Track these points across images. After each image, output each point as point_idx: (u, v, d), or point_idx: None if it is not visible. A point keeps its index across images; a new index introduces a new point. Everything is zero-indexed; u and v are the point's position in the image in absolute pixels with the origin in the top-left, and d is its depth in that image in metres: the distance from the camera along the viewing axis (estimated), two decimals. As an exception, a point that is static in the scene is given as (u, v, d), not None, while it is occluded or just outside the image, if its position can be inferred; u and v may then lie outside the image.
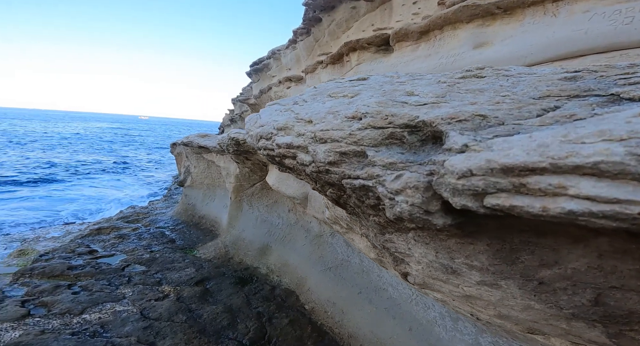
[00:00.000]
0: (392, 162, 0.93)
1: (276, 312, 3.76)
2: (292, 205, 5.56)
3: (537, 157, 0.57)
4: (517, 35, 4.22)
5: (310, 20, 6.63)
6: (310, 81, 7.48)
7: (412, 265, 1.44)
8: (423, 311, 3.34)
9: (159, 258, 5.26)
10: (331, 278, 4.11)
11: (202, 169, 8.48)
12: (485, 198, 0.68)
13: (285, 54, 9.29)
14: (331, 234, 4.61)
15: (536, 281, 0.93)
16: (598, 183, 0.51)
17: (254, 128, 1.72)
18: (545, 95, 0.92)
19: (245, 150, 5.31)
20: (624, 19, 3.38)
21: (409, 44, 5.48)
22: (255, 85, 12.37)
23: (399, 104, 1.11)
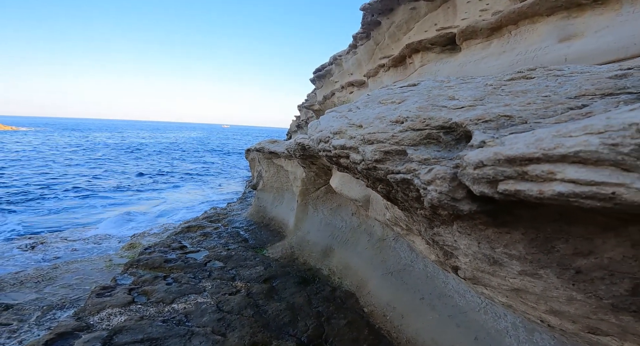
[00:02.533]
0: (427, 158, 1.13)
1: (335, 313, 3.99)
2: (355, 209, 5.79)
3: (533, 149, 0.72)
4: (614, 26, 3.77)
5: (369, 24, 6.85)
6: (373, 84, 7.63)
7: (460, 258, 1.55)
8: (493, 320, 3.17)
9: (234, 255, 5.94)
10: (392, 282, 4.18)
11: (272, 174, 9.35)
12: (498, 185, 0.84)
13: (347, 59, 9.65)
14: (394, 238, 4.68)
15: (573, 270, 0.99)
16: (580, 168, 0.64)
17: (314, 133, 2.07)
18: (581, 94, 0.99)
19: (311, 154, 5.77)
20: None
21: (479, 41, 5.24)
22: (319, 91, 13.07)
23: (438, 108, 1.29)
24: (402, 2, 6.05)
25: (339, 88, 10.17)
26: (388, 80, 6.87)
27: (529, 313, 2.20)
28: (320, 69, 11.99)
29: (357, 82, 8.70)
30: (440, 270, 3.80)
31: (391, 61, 6.26)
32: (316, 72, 12.34)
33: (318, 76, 12.38)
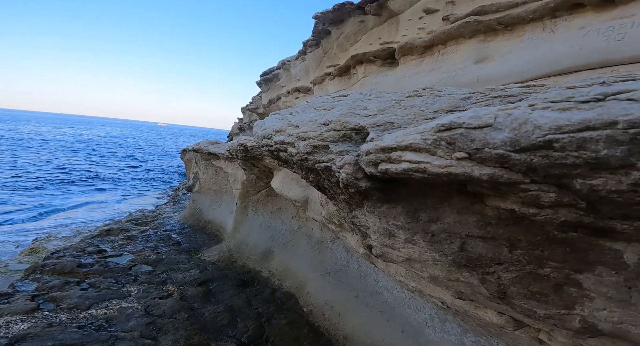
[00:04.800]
0: (342, 151, 1.66)
1: (275, 313, 4.39)
2: (295, 212, 6.29)
3: (393, 142, 1.28)
4: (516, 51, 4.69)
5: (320, 33, 7.59)
6: (318, 92, 8.34)
7: (371, 236, 2.11)
8: (415, 313, 3.91)
9: (165, 259, 6.03)
10: (330, 282, 4.74)
11: (210, 175, 9.40)
12: (378, 166, 1.38)
13: (295, 65, 10.30)
14: (331, 240, 5.27)
15: (430, 233, 1.59)
16: (413, 153, 1.21)
17: (259, 131, 2.50)
18: (439, 109, 1.63)
19: (253, 156, 6.13)
20: (617, 36, 3.82)
21: (414, 58, 6.19)
22: (264, 95, 13.51)
23: (354, 115, 1.84)
24: (352, 14, 6.89)
25: (285, 93, 10.75)
26: (333, 88, 7.63)
27: (432, 295, 2.92)
28: (267, 72, 12.46)
29: (303, 89, 9.36)
30: (372, 268, 4.49)
31: (337, 70, 7.02)
32: (263, 75, 12.78)
33: (265, 79, 12.83)
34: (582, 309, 1.34)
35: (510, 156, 0.94)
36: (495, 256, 1.46)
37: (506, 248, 1.38)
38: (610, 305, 1.23)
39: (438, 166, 1.15)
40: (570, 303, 1.38)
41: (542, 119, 0.86)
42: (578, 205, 0.89)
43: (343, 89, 7.28)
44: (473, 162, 1.06)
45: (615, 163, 0.72)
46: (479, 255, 1.49)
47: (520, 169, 0.94)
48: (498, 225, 1.32)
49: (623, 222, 0.85)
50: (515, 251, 1.36)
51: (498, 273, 1.54)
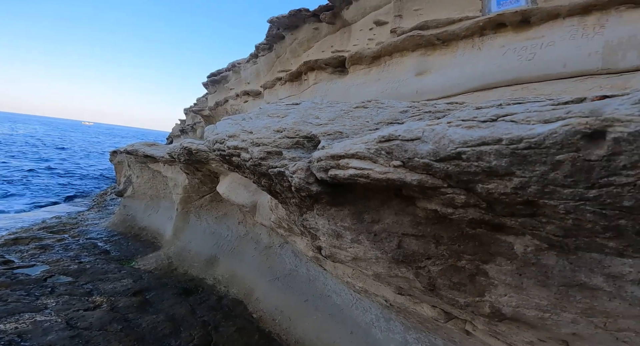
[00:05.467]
0: (294, 157, 1.81)
1: (223, 320, 4.37)
2: (242, 217, 6.28)
3: (342, 151, 1.47)
4: (450, 66, 5.16)
5: (274, 37, 7.72)
6: (269, 96, 8.43)
7: (321, 238, 2.29)
8: (362, 314, 4.18)
9: (89, 269, 5.63)
10: (279, 287, 4.83)
11: (146, 180, 8.89)
12: (328, 172, 1.57)
13: (246, 68, 10.28)
14: (280, 245, 5.37)
15: (372, 233, 1.83)
16: (358, 161, 1.42)
17: (211, 135, 2.54)
18: (381, 121, 1.88)
19: (197, 160, 5.98)
20: (528, 55, 4.33)
21: (362, 67, 6.60)
22: (211, 96, 13.22)
23: (306, 123, 2.02)
24: (307, 21, 7.13)
25: (233, 96, 10.66)
26: (284, 93, 7.79)
27: (377, 293, 3.19)
28: (216, 74, 12.25)
29: (253, 92, 9.38)
30: (321, 272, 4.70)
31: (289, 75, 7.20)
32: (211, 76, 12.53)
33: (213, 81, 12.57)
34: (490, 295, 1.67)
35: (433, 164, 1.19)
36: (425, 251, 1.74)
37: (433, 244, 1.67)
38: (509, 291, 1.57)
39: (379, 173, 1.37)
40: (481, 291, 1.71)
41: (454, 134, 1.12)
42: (480, 205, 1.18)
43: (294, 94, 7.48)
44: (406, 169, 1.30)
45: (502, 171, 1.00)
46: (413, 251, 1.76)
47: (440, 176, 1.20)
48: (426, 224, 1.59)
49: (511, 218, 1.15)
50: (439, 246, 1.65)
51: (428, 267, 1.83)
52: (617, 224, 0.82)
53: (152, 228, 7.90)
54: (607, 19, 3.90)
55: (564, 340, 1.64)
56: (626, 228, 0.81)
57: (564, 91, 3.90)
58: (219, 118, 12.72)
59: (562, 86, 3.97)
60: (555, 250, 1.14)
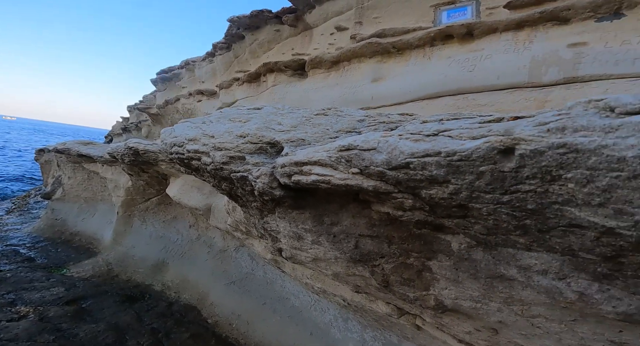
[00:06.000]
0: (258, 162, 1.91)
1: (175, 327, 4.28)
2: (194, 220, 6.15)
3: (305, 158, 1.61)
4: (403, 74, 5.49)
5: (233, 36, 7.66)
6: (224, 96, 8.32)
7: (282, 240, 2.40)
8: (321, 315, 4.34)
9: (10, 277, 5.22)
10: (235, 291, 4.82)
11: (79, 181, 8.34)
12: (292, 177, 1.69)
13: (201, 66, 10.04)
14: (235, 248, 5.36)
15: (332, 234, 1.99)
16: (320, 168, 1.57)
17: (168, 138, 2.52)
18: (340, 129, 2.06)
19: (145, 161, 5.73)
20: (469, 67, 4.72)
21: (322, 71, 6.79)
22: (160, 94, 12.71)
23: (269, 129, 2.12)
24: (269, 22, 7.17)
25: (186, 94, 10.37)
26: (241, 94, 7.75)
27: (335, 293, 3.37)
28: (166, 70, 11.79)
29: (207, 92, 9.21)
30: (278, 274, 4.78)
31: (247, 76, 7.19)
32: (161, 73, 12.03)
33: (163, 78, 12.07)
34: (434, 289, 1.92)
35: (386, 172, 1.38)
36: (379, 251, 1.95)
37: (386, 244, 1.87)
38: (448, 284, 1.82)
39: (339, 179, 1.54)
40: (427, 285, 1.95)
41: (404, 146, 1.32)
42: (424, 208, 1.39)
43: (252, 95, 7.47)
44: (363, 176, 1.48)
45: (440, 179, 1.21)
46: (369, 251, 1.95)
47: (392, 182, 1.39)
48: (380, 225, 1.79)
49: (448, 220, 1.38)
50: (391, 246, 1.86)
51: (382, 265, 2.04)
52: (524, 224, 1.06)
53: (87, 233, 7.49)
54: (536, 35, 4.34)
55: (493, 328, 1.94)
56: (531, 226, 1.06)
57: (497, 102, 4.36)
58: (169, 117, 12.18)
59: (496, 97, 4.39)
60: (481, 246, 1.39)
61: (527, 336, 1.75)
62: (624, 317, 1.07)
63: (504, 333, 1.92)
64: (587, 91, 3.64)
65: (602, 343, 1.34)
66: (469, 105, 4.72)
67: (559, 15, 4.11)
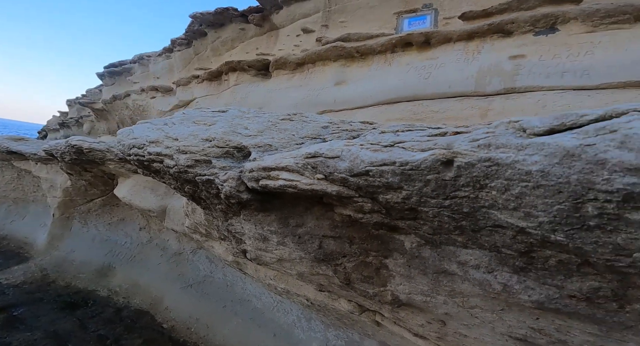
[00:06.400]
0: (225, 166, 1.98)
1: (125, 333, 4.15)
2: (145, 223, 5.95)
3: (273, 163, 1.73)
4: (365, 79, 5.74)
5: (194, 33, 7.49)
6: (182, 93, 8.11)
7: (246, 242, 2.49)
8: (284, 316, 4.43)
9: None
10: (193, 295, 4.76)
11: (7, 180, 7.82)
12: (260, 181, 1.80)
13: (156, 62, 9.72)
14: (192, 251, 5.28)
15: (297, 236, 2.13)
16: (288, 173, 1.70)
17: (127, 139, 2.48)
18: (305, 136, 2.20)
19: (90, 160, 5.44)
20: (425, 74, 5.05)
21: (286, 72, 6.86)
22: (107, 88, 12.10)
23: (236, 134, 2.20)
24: (234, 20, 7.09)
25: (137, 90, 9.97)
26: (200, 92, 7.60)
27: (299, 293, 3.50)
28: (116, 64, 11.23)
29: (163, 88, 8.93)
30: (239, 277, 4.80)
31: (207, 74, 7.07)
32: (110, 67, 11.45)
33: (111, 72, 11.49)
34: (390, 285, 2.13)
35: (348, 179, 1.54)
36: (341, 250, 2.12)
37: (347, 244, 2.05)
38: (403, 280, 2.04)
39: (305, 184, 1.67)
40: (384, 281, 2.16)
41: (364, 156, 1.50)
42: (381, 211, 1.58)
43: (212, 94, 7.36)
44: (328, 182, 1.63)
45: (395, 186, 1.40)
46: (332, 251, 2.12)
47: (354, 188, 1.56)
48: (342, 227, 1.96)
49: (402, 221, 1.58)
50: (353, 245, 2.04)
51: (344, 264, 2.21)
52: (461, 225, 1.28)
53: (17, 236, 7.05)
54: (483, 46, 4.72)
55: (441, 319, 2.20)
56: (466, 227, 1.28)
57: (447, 109, 4.71)
58: (116, 113, 11.52)
59: (447, 104, 4.71)
60: (429, 245, 1.61)
61: (468, 326, 2.02)
62: (537, 305, 1.33)
63: (450, 325, 2.18)
64: (523, 102, 4.09)
65: (525, 329, 1.62)
66: (423, 111, 5.03)
67: (504, 28, 4.57)
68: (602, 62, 3.71)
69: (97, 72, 12.32)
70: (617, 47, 3.71)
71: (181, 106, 8.27)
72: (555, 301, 1.23)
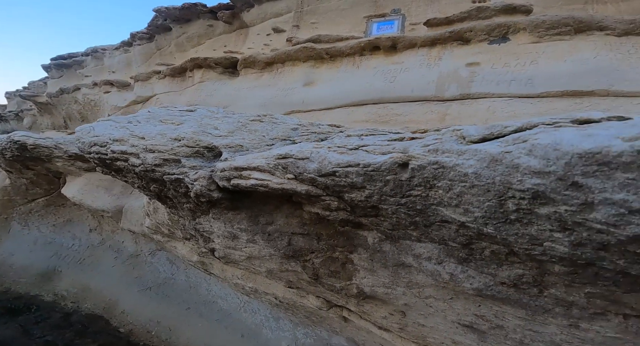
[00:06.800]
0: (195, 166, 2.05)
1: (77, 338, 4.05)
2: (96, 223, 5.75)
3: (244, 163, 1.83)
4: (334, 80, 5.91)
5: (158, 28, 7.30)
6: (141, 89, 7.88)
7: (215, 240, 2.55)
8: (251, 316, 4.48)
9: None
10: (153, 298, 4.68)
11: None
12: (231, 181, 1.90)
13: (112, 55, 9.41)
14: (151, 253, 5.18)
15: (267, 233, 2.25)
16: (259, 173, 1.81)
17: (87, 137, 2.45)
18: (275, 137, 2.32)
19: (34, 157, 5.16)
20: (391, 78, 5.32)
21: (255, 71, 6.86)
22: (54, 81, 11.47)
23: (206, 134, 2.27)
24: (202, 16, 6.97)
25: (89, 84, 9.57)
26: (161, 88, 7.43)
27: (267, 292, 3.59)
28: (66, 57, 10.70)
29: (119, 83, 8.66)
30: (203, 278, 4.78)
31: (170, 70, 6.92)
32: (58, 59, 10.89)
33: (59, 65, 10.92)
34: (356, 279, 2.32)
35: (317, 179, 1.69)
36: (309, 247, 2.27)
37: (315, 240, 2.20)
38: (366, 274, 2.23)
39: (276, 183, 1.80)
40: (350, 275, 2.34)
41: (332, 157, 1.66)
42: (347, 209, 1.75)
43: (174, 90, 7.22)
44: (297, 181, 1.77)
45: (359, 185, 1.57)
46: (300, 247, 2.26)
47: (321, 187, 1.72)
48: (310, 224, 2.11)
49: (365, 218, 1.76)
50: (320, 242, 2.20)
51: (312, 260, 2.36)
52: (415, 220, 1.48)
53: None
54: (444, 53, 5.06)
55: (402, 310, 2.41)
56: (419, 222, 1.48)
57: (410, 113, 5.01)
58: (63, 107, 10.87)
59: (409, 108, 5.01)
60: (389, 240, 1.81)
61: (424, 315, 2.25)
62: (478, 292, 1.57)
63: (409, 315, 2.41)
64: (476, 108, 4.47)
65: (470, 317, 1.87)
66: (388, 114, 5.30)
67: (463, 35, 4.96)
68: (544, 72, 4.14)
69: (43, 65, 11.61)
70: (558, 57, 4.16)
71: (139, 102, 8.00)
72: (491, 288, 1.47)
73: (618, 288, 1.04)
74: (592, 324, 1.27)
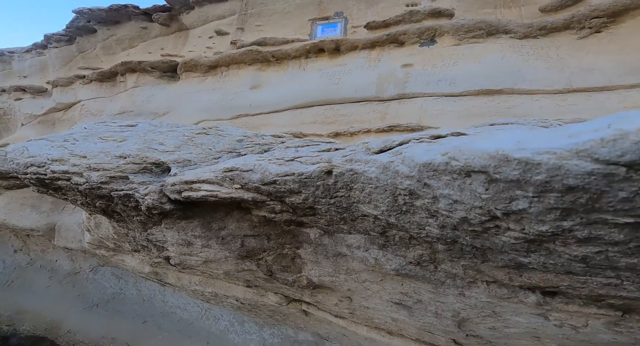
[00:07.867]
0: (144, 181, 2.27)
1: None
2: (21, 244, 5.60)
3: (194, 177, 2.11)
4: (281, 83, 6.23)
5: (80, 29, 6.99)
6: (60, 95, 7.55)
7: (169, 248, 2.78)
8: (215, 323, 4.65)
9: None
10: (102, 314, 4.69)
11: None
12: (182, 193, 2.16)
13: (23, 58, 8.88)
14: (92, 269, 5.16)
15: (220, 238, 2.53)
16: (208, 185, 2.10)
17: (22, 158, 2.54)
18: (221, 150, 2.60)
19: None
20: (335, 80, 5.76)
21: (197, 75, 6.91)
22: None
23: (152, 150, 2.49)
24: (135, 18, 6.80)
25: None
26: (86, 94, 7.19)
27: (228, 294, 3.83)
28: None
29: (32, 89, 8.19)
30: (157, 289, 4.87)
31: (98, 74, 6.73)
32: None
33: None
34: (305, 271, 2.69)
35: (261, 187, 2.03)
36: (261, 246, 2.59)
37: (266, 240, 2.54)
38: (313, 266, 2.62)
39: (225, 193, 2.10)
40: (299, 268, 2.71)
41: (272, 168, 2.00)
42: (289, 211, 2.11)
43: (103, 96, 7.04)
44: (244, 190, 2.09)
45: (296, 191, 1.93)
46: (253, 247, 2.58)
47: (265, 194, 2.05)
48: (260, 226, 2.44)
49: (305, 218, 2.13)
50: (270, 241, 2.53)
51: (265, 258, 2.69)
52: (343, 216, 1.88)
53: None
54: (383, 55, 5.62)
55: (348, 296, 2.83)
56: (347, 218, 1.89)
57: (353, 113, 5.48)
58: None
59: (353, 108, 5.51)
60: (327, 235, 2.21)
61: (366, 298, 2.69)
62: (396, 272, 2.02)
63: (355, 300, 2.84)
64: (410, 107, 5.06)
65: (398, 295, 2.34)
66: (333, 115, 5.74)
67: (398, 38, 5.54)
68: (464, 73, 4.83)
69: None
70: (474, 59, 4.87)
71: (60, 108, 7.64)
72: (404, 268, 1.93)
73: (477, 259, 1.52)
74: (470, 291, 1.77)
